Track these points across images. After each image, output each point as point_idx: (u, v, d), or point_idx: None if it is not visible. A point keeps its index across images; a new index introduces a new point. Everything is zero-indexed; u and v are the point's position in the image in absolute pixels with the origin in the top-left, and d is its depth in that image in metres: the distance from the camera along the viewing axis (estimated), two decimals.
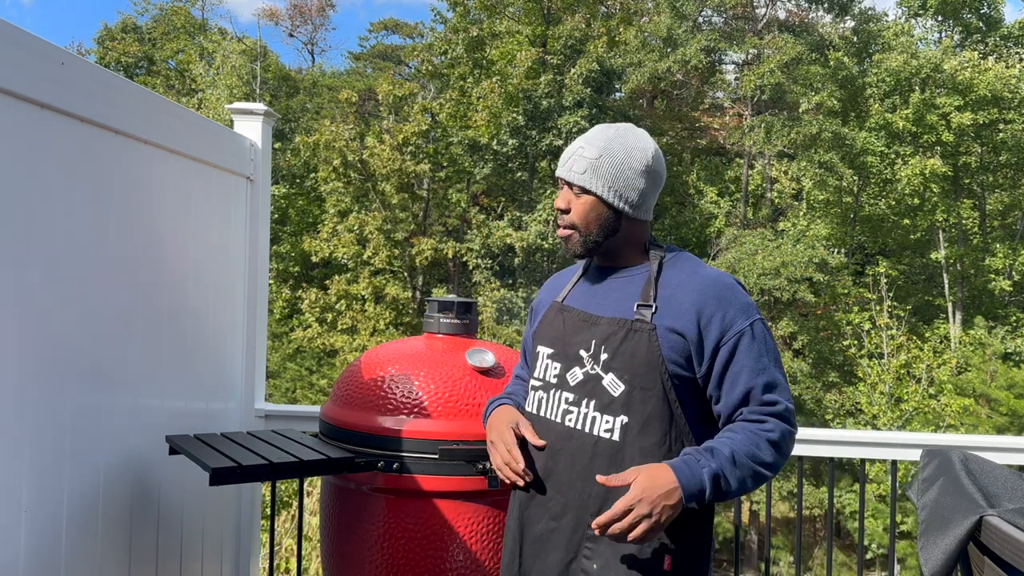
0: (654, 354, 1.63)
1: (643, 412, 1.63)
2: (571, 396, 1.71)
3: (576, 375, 1.72)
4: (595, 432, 1.66)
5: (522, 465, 1.70)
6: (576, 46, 22.42)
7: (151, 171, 2.26)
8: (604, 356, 1.68)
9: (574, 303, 1.79)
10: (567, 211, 1.74)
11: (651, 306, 1.67)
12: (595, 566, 1.64)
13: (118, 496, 2.15)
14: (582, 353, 1.71)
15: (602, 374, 1.68)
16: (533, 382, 1.82)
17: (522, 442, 1.75)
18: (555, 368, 1.76)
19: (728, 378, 1.65)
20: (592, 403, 1.68)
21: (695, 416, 1.68)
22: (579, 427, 1.69)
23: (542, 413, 1.76)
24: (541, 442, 1.73)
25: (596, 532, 1.56)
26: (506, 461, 1.72)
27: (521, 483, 1.72)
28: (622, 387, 1.65)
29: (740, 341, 1.65)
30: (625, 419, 1.64)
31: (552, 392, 1.75)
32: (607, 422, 1.65)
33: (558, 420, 1.72)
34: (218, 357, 2.75)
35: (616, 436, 1.64)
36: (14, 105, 1.69)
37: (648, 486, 1.52)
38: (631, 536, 1.52)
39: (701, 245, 22.65)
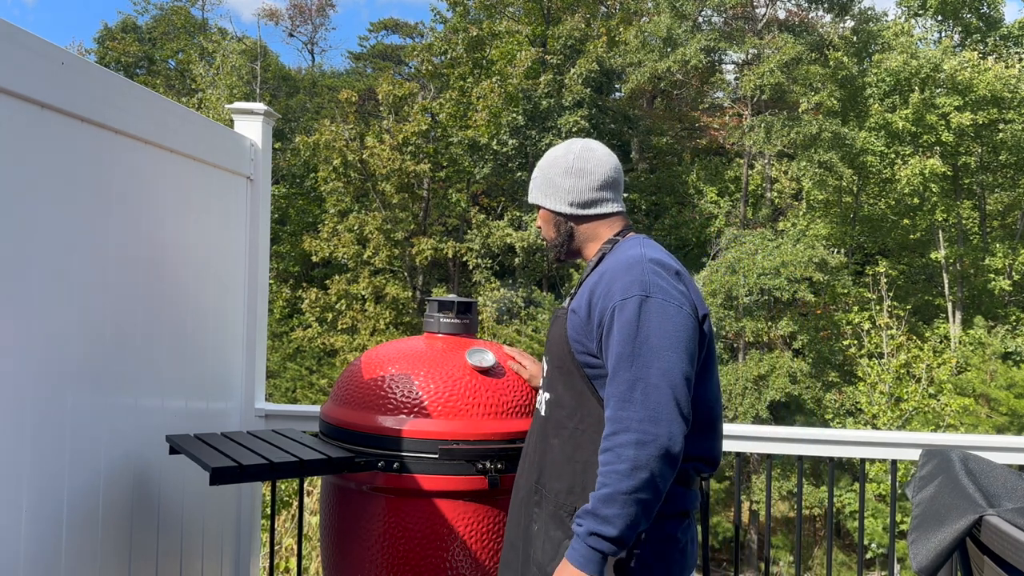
0: (563, 336, 1.79)
1: (558, 389, 1.82)
2: (543, 380, 1.97)
3: (544, 362, 1.96)
4: (539, 408, 1.92)
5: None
6: (576, 46, 22.42)
7: (151, 171, 2.26)
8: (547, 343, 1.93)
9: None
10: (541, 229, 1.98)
11: (573, 294, 1.82)
12: (535, 527, 1.82)
13: (118, 496, 2.15)
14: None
15: (545, 358, 1.92)
16: None
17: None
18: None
19: (608, 361, 1.65)
20: (543, 382, 1.92)
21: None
22: (537, 405, 1.95)
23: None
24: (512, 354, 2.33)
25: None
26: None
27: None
28: (547, 367, 1.89)
29: (613, 320, 1.64)
30: (549, 395, 1.86)
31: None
32: (543, 398, 1.89)
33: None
34: (218, 357, 2.75)
35: (544, 411, 1.87)
36: (14, 105, 1.69)
37: None
38: None
39: (701, 245, 22.64)
